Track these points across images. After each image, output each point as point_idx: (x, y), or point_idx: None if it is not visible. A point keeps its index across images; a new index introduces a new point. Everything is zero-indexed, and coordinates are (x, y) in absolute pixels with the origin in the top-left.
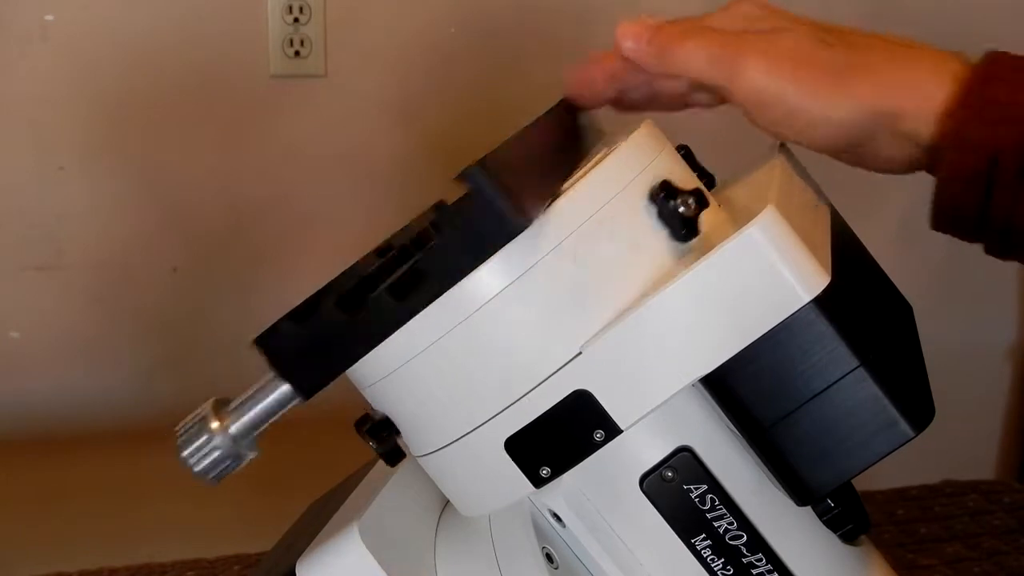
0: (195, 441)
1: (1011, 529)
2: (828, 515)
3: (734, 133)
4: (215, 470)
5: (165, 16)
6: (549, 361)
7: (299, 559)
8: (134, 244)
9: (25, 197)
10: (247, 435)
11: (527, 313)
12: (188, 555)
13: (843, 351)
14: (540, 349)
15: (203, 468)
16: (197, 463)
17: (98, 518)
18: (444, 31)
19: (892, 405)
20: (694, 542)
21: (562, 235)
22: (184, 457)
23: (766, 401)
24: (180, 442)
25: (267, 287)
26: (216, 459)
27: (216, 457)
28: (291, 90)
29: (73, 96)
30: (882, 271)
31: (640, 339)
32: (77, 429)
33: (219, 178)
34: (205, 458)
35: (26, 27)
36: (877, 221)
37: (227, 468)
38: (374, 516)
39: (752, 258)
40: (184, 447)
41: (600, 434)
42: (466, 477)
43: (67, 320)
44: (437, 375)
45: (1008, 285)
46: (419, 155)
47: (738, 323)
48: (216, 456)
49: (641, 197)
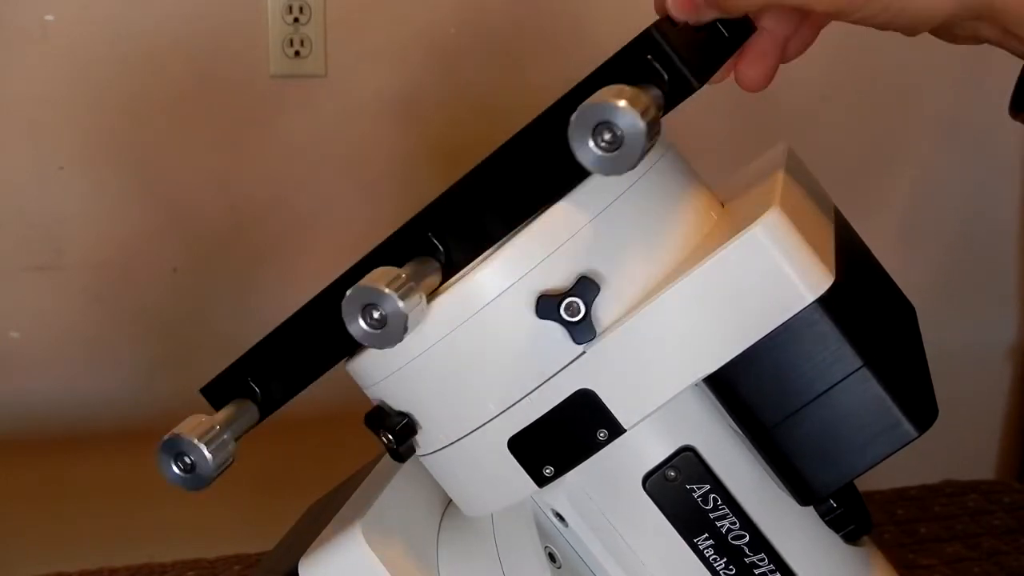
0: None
1: (1011, 529)
2: (830, 515)
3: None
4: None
5: (165, 16)
6: (553, 360)
7: (302, 558)
8: (134, 244)
9: (25, 197)
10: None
11: (531, 312)
12: (188, 555)
13: (847, 351)
14: (544, 348)
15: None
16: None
17: (98, 518)
18: (444, 31)
19: (895, 405)
20: (696, 542)
21: (564, 237)
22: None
23: (769, 401)
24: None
25: (267, 287)
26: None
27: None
28: (291, 90)
29: (73, 96)
30: (885, 271)
31: (644, 338)
32: (77, 429)
33: (219, 178)
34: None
35: (26, 27)
36: (878, 221)
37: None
38: (377, 515)
39: (756, 258)
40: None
41: (603, 433)
42: (469, 476)
43: (67, 320)
44: (440, 374)
45: (1008, 285)
46: (419, 155)
47: (741, 323)
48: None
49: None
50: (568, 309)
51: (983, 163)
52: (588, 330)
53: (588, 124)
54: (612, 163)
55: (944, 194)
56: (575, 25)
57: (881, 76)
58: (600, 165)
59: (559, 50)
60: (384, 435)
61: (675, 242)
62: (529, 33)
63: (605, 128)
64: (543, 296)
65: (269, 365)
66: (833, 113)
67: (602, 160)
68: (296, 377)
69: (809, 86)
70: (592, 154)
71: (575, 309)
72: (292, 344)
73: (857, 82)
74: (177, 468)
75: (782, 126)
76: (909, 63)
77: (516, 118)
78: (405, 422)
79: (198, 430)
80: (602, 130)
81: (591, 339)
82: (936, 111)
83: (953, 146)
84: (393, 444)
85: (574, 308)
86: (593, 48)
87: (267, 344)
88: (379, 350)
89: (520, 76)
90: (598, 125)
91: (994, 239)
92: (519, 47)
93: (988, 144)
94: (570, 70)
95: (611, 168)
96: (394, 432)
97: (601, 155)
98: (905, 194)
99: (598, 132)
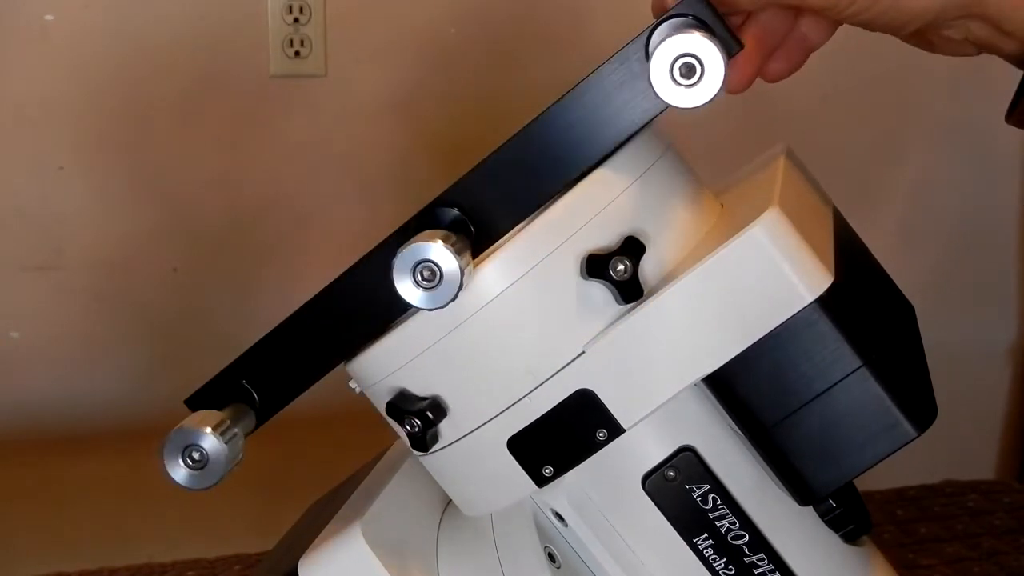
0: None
1: (1011, 529)
2: (830, 515)
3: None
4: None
5: (165, 16)
6: (552, 360)
7: (301, 558)
8: (134, 244)
9: (25, 197)
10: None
11: (530, 312)
12: (188, 555)
13: (846, 351)
14: (543, 348)
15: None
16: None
17: (98, 518)
18: (444, 31)
19: (895, 405)
20: (696, 542)
21: (564, 236)
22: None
23: (769, 401)
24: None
25: (267, 287)
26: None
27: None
28: (291, 90)
29: (73, 96)
30: (884, 271)
31: (643, 338)
32: (77, 429)
33: (219, 178)
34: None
35: (26, 27)
36: (878, 221)
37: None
38: (376, 515)
39: (755, 258)
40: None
41: (603, 433)
42: (468, 476)
43: (67, 320)
44: (438, 375)
45: (1008, 285)
46: (419, 155)
47: (741, 323)
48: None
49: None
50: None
51: (983, 163)
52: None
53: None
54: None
55: (944, 194)
56: (575, 25)
57: (881, 76)
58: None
59: (559, 50)
60: (409, 421)
61: (673, 242)
62: (529, 33)
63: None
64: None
65: (266, 369)
66: (833, 113)
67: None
68: (294, 381)
69: (809, 86)
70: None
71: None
72: (290, 347)
73: (857, 82)
74: (186, 464)
75: (782, 126)
76: (909, 63)
77: (516, 118)
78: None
79: (208, 421)
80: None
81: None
82: (936, 112)
83: (953, 146)
84: (420, 431)
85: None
86: (593, 48)
87: (264, 347)
88: (379, 350)
89: (520, 76)
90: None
91: (994, 239)
92: (519, 47)
93: (988, 144)
94: (570, 70)
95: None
96: (422, 416)
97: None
98: (905, 194)
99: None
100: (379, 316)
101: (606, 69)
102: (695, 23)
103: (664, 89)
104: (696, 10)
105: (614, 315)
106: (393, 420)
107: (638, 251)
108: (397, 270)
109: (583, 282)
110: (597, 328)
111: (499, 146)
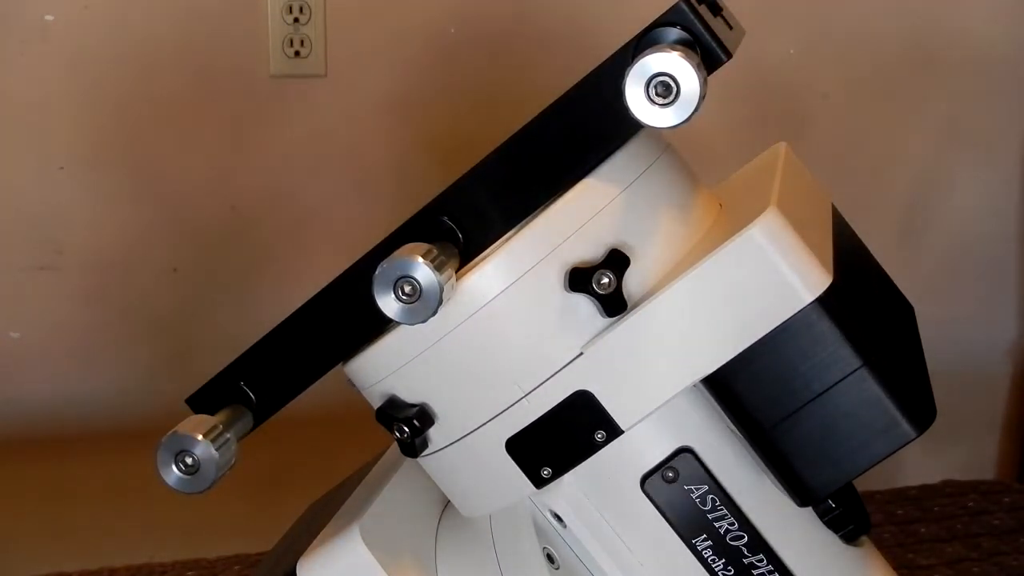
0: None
1: (1011, 529)
2: (829, 516)
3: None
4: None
5: (165, 16)
6: (550, 362)
7: (300, 559)
8: (134, 244)
9: (25, 197)
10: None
11: (528, 314)
12: (188, 555)
13: (845, 352)
14: (541, 350)
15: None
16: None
17: (98, 518)
18: (444, 31)
19: (894, 406)
20: (695, 542)
21: (548, 248)
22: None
23: (767, 402)
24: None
25: (267, 287)
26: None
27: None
28: (291, 90)
29: (73, 96)
30: (883, 271)
31: (641, 340)
32: (77, 429)
33: (219, 178)
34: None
35: (26, 27)
36: (877, 221)
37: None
38: (375, 516)
39: (753, 259)
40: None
41: (601, 435)
42: (467, 477)
43: (67, 320)
44: (426, 383)
45: (1008, 285)
46: (419, 154)
47: (739, 324)
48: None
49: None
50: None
51: (983, 163)
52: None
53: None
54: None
55: (944, 194)
56: (575, 25)
57: (881, 76)
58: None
59: (559, 50)
60: (398, 428)
61: (672, 243)
62: (529, 32)
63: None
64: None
65: (262, 372)
66: (833, 113)
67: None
68: (289, 383)
69: (809, 86)
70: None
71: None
72: (285, 351)
73: (857, 82)
74: (178, 468)
75: (782, 126)
76: (909, 63)
77: (515, 117)
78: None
79: (200, 428)
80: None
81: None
82: (936, 112)
83: (953, 146)
84: (408, 437)
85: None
86: (593, 47)
87: (259, 351)
88: (370, 356)
89: (520, 75)
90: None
91: (994, 239)
92: (519, 46)
93: (988, 144)
94: (570, 70)
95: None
96: (409, 423)
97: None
98: (905, 194)
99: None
100: (371, 322)
101: (588, 81)
102: (680, 34)
103: (639, 108)
104: (683, 20)
105: (601, 326)
106: (383, 425)
107: (622, 264)
108: (378, 285)
109: (568, 295)
110: (583, 340)
111: (489, 153)
